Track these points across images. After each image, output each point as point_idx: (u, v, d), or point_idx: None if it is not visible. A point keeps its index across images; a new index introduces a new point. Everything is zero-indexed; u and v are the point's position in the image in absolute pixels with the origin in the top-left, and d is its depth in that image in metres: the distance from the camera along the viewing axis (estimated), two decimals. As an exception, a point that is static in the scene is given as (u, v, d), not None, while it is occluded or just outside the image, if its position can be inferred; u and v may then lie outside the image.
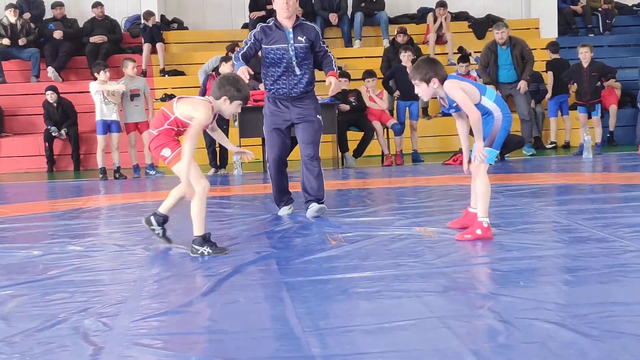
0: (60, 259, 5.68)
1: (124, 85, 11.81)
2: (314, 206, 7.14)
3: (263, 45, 7.25)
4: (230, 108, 5.80)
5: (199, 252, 5.60)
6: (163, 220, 6.11)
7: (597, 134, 12.85)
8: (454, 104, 5.79)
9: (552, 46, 14.44)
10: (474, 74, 14.16)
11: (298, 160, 7.60)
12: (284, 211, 7.47)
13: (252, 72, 7.08)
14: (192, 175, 5.67)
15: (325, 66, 7.33)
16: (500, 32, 12.69)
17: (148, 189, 10.64)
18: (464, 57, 14.27)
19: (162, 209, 6.08)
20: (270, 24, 7.28)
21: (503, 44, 12.72)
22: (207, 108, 5.72)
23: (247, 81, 6.59)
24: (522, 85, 12.66)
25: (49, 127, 13.46)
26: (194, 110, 5.69)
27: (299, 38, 7.19)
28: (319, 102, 6.96)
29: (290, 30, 7.18)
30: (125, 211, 8.26)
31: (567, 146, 13.88)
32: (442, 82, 5.70)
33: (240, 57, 7.25)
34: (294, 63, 7.17)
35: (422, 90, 5.77)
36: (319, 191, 7.24)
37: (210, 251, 5.60)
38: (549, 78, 13.74)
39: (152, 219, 6.09)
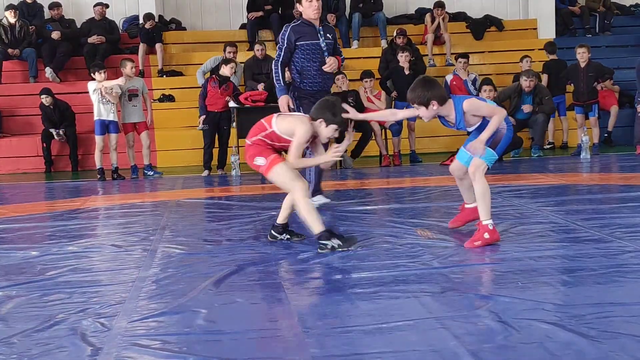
0: (59, 260, 5.68)
1: (122, 80, 11.79)
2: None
3: (297, 43, 7.59)
4: (326, 131, 5.75)
5: (329, 246, 5.53)
6: (282, 228, 6.07)
7: (595, 135, 12.85)
8: (461, 123, 5.71)
9: (549, 47, 14.45)
10: (471, 77, 14.16)
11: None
12: (322, 199, 7.81)
13: (293, 106, 7.48)
14: (290, 175, 5.68)
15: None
16: (529, 80, 12.78)
17: (146, 190, 10.64)
18: (464, 54, 14.26)
19: (280, 220, 6.06)
20: (298, 22, 7.71)
21: (528, 93, 12.86)
22: (307, 125, 5.71)
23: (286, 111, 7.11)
24: (527, 108, 12.84)
25: (49, 129, 13.45)
26: (295, 126, 5.71)
27: (328, 35, 7.75)
28: None
29: (320, 27, 7.70)
30: (124, 212, 8.26)
31: (564, 146, 13.89)
32: (440, 102, 5.59)
33: (279, 70, 7.61)
34: (326, 58, 7.64)
35: (422, 112, 5.67)
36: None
37: (340, 243, 5.54)
38: (544, 79, 13.75)
39: (274, 232, 6.08)
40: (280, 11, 16.34)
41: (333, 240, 5.55)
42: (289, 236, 6.08)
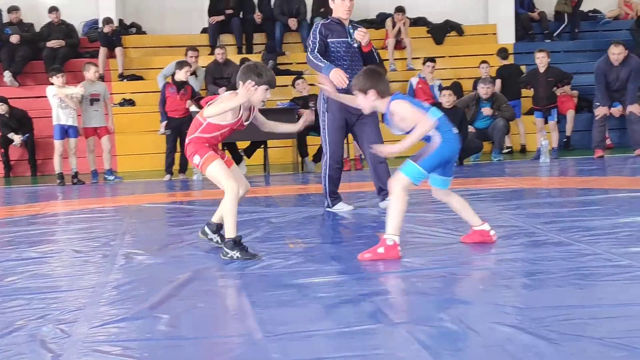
0: (17, 266, 5.62)
1: (82, 89, 11.72)
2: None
3: (327, 40, 7.50)
4: (257, 95, 5.58)
5: (229, 255, 5.49)
6: (216, 227, 6.00)
7: (554, 139, 12.97)
8: (389, 122, 5.56)
9: (501, 53, 14.63)
10: (436, 83, 14.25)
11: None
12: (342, 207, 7.68)
13: (345, 79, 7.14)
14: (224, 174, 5.62)
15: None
16: (486, 87, 13.07)
17: (107, 195, 10.57)
18: (431, 58, 14.35)
19: (214, 219, 6.00)
20: (329, 20, 7.63)
21: (486, 100, 13.04)
22: (234, 96, 5.60)
23: (345, 84, 6.87)
24: (486, 111, 13.01)
25: (7, 134, 13.30)
26: (220, 103, 5.60)
27: (351, 32, 7.58)
28: (279, 107, 7.02)
29: (349, 27, 7.60)
30: (84, 217, 8.19)
31: (523, 150, 14.00)
32: (381, 96, 5.43)
33: (318, 55, 7.45)
34: (358, 56, 7.55)
35: (360, 100, 5.51)
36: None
37: (240, 255, 5.48)
38: (497, 84, 13.87)
39: (207, 229, 6.02)
40: (241, 15, 16.31)
41: (234, 251, 5.49)
42: (219, 239, 5.95)
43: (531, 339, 3.41)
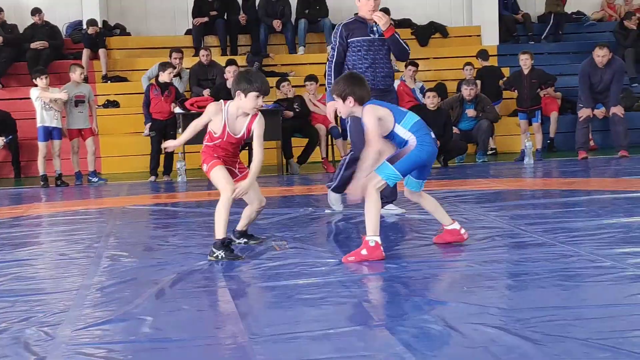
0: (1, 268, 5.59)
1: (66, 94, 11.67)
2: (393, 208, 7.35)
3: (349, 40, 7.34)
4: (247, 102, 5.61)
5: (214, 255, 5.52)
6: (239, 234, 6.09)
7: (538, 140, 13.02)
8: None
9: (482, 54, 14.67)
10: (418, 85, 14.27)
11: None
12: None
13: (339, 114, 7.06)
14: (222, 179, 5.65)
15: None
16: (469, 89, 13.15)
17: (91, 197, 10.54)
18: (413, 62, 14.38)
19: (239, 227, 6.08)
20: (352, 20, 7.49)
21: (470, 101, 13.11)
22: (212, 105, 5.67)
23: (332, 121, 6.71)
24: (470, 112, 13.06)
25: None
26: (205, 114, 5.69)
27: (374, 29, 7.37)
28: (263, 108, 6.86)
29: (374, 24, 7.34)
30: (68, 219, 8.16)
31: (495, 152, 14.01)
32: (359, 102, 5.41)
33: (333, 69, 7.36)
34: (381, 54, 7.32)
35: (339, 107, 5.50)
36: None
37: (224, 256, 5.50)
38: (478, 85, 13.88)
39: (232, 236, 6.00)
40: (225, 17, 16.30)
41: (220, 251, 5.52)
42: (246, 240, 6.08)
43: (515, 340, 3.42)
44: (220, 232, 5.57)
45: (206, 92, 13.02)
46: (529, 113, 12.94)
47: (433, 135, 5.56)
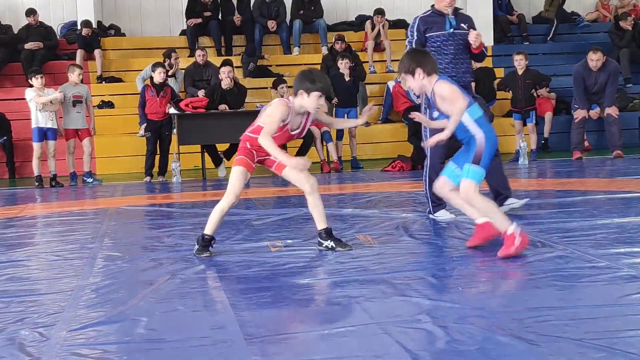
0: (-5, 269, 5.59)
1: (61, 94, 11.66)
2: (514, 201, 7.11)
3: (426, 35, 7.03)
4: (310, 102, 5.51)
5: (195, 247, 5.67)
6: (325, 233, 5.76)
7: (532, 141, 13.03)
8: (433, 103, 5.54)
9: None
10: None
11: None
12: (444, 215, 7.07)
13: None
14: (233, 181, 5.67)
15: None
16: None
17: (86, 197, 10.53)
18: None
19: (319, 226, 5.79)
20: (429, 12, 7.17)
21: None
22: (281, 104, 5.56)
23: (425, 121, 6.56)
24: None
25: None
26: (269, 116, 5.55)
27: (462, 25, 7.06)
28: (258, 108, 6.82)
29: (453, 17, 7.04)
30: (62, 220, 8.16)
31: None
32: (427, 73, 5.41)
33: None
34: (461, 49, 6.99)
35: (410, 83, 5.52)
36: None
37: (196, 251, 5.67)
38: (472, 85, 13.87)
39: (319, 239, 5.79)
40: (219, 17, 16.29)
41: (197, 245, 5.69)
42: (333, 244, 5.74)
43: (510, 340, 3.42)
44: (209, 229, 5.70)
45: (201, 93, 13.01)
46: (523, 113, 12.96)
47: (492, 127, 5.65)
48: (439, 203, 7.02)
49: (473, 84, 13.79)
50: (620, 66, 14.22)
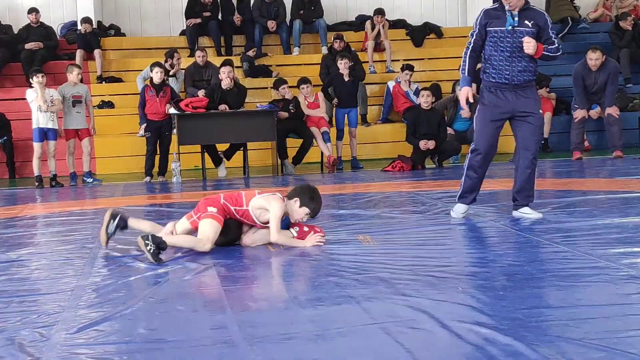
0: (-4, 269, 5.59)
1: (59, 102, 11.64)
2: (527, 211, 6.89)
3: (487, 29, 6.82)
4: (297, 212, 5.93)
5: (147, 246, 5.56)
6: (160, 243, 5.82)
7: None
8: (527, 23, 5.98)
9: None
10: (413, 87, 14.29)
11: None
12: (460, 211, 7.05)
13: (473, 100, 6.94)
14: (210, 234, 5.82)
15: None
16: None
17: (86, 197, 10.53)
18: (409, 65, 14.40)
19: (163, 236, 5.94)
20: (495, 6, 6.92)
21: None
22: (280, 201, 5.91)
23: (467, 113, 6.55)
24: (465, 113, 13.04)
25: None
26: (269, 202, 5.88)
27: (526, 22, 6.69)
28: (258, 109, 6.79)
29: (516, 13, 6.70)
30: (62, 220, 8.16)
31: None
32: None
33: (468, 55, 6.93)
34: (520, 46, 6.69)
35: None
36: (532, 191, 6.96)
37: (152, 250, 5.56)
38: (473, 87, 13.85)
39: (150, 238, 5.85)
40: (219, 17, 16.29)
41: (154, 247, 5.57)
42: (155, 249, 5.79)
43: (510, 341, 3.42)
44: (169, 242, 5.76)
45: (201, 93, 13.01)
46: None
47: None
48: (464, 197, 7.03)
49: (474, 86, 13.81)
50: (620, 66, 14.22)
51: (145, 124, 12.08)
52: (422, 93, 12.49)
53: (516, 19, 6.69)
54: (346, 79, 12.85)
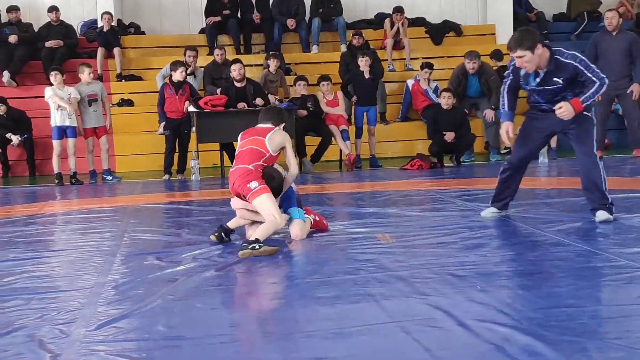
0: (16, 266, 5.62)
1: (75, 101, 11.67)
2: (601, 214, 6.52)
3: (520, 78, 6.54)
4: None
5: (251, 246, 5.59)
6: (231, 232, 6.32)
7: (553, 139, 12.94)
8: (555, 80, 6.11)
9: (495, 55, 14.56)
10: (432, 85, 14.26)
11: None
12: (489, 212, 6.97)
13: (512, 135, 6.68)
14: (274, 207, 6.04)
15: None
16: (472, 62, 12.92)
17: (105, 195, 10.57)
18: (429, 64, 14.37)
19: (231, 224, 6.35)
20: None
21: (473, 74, 13.00)
22: (283, 132, 6.43)
23: (506, 141, 6.78)
24: (488, 114, 12.86)
25: (5, 134, 13.26)
26: (283, 140, 6.37)
27: (554, 79, 6.32)
28: (276, 105, 6.73)
29: (541, 73, 6.36)
30: (82, 217, 8.19)
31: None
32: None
33: (506, 93, 6.77)
34: (553, 99, 6.39)
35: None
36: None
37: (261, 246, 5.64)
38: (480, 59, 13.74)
39: (222, 233, 6.24)
40: (238, 15, 16.31)
41: (258, 246, 5.61)
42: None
43: (529, 340, 3.41)
44: (260, 236, 5.80)
45: (218, 91, 13.03)
46: (543, 112, 12.88)
47: None
48: (496, 200, 6.97)
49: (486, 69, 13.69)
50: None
51: (164, 122, 12.09)
52: (443, 95, 12.43)
53: (538, 79, 6.39)
54: (366, 76, 12.83)
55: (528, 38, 6.20)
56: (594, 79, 6.24)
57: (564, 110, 6.21)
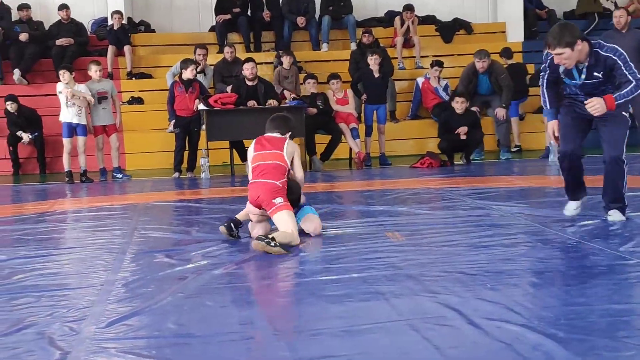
0: (26, 263, 5.63)
1: (89, 95, 11.68)
2: (614, 214, 6.49)
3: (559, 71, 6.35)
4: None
5: (271, 243, 5.59)
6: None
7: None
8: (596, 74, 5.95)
9: (505, 53, 14.50)
10: (442, 83, 14.24)
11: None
12: (571, 208, 6.81)
13: (557, 134, 6.62)
14: (293, 224, 5.98)
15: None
16: (482, 61, 12.86)
17: (115, 193, 10.58)
18: (439, 62, 14.35)
19: (240, 216, 6.42)
20: None
21: (483, 73, 12.94)
22: (294, 144, 6.50)
23: (555, 142, 6.65)
24: (500, 112, 12.82)
25: (15, 132, 13.30)
26: (293, 149, 6.40)
27: (595, 74, 6.15)
28: (287, 104, 6.74)
29: (584, 69, 6.20)
30: (92, 215, 8.21)
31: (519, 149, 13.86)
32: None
33: (545, 90, 6.62)
34: (592, 92, 6.24)
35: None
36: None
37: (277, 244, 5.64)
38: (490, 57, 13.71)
39: (232, 225, 6.30)
40: (248, 13, 16.31)
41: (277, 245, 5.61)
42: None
43: (539, 338, 3.40)
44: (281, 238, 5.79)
45: (228, 89, 13.03)
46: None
47: None
48: (571, 192, 6.91)
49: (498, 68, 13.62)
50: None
51: (174, 120, 12.10)
52: (457, 99, 12.37)
53: (583, 76, 6.23)
54: (376, 75, 12.81)
55: (567, 34, 5.99)
56: (630, 78, 6.06)
57: (595, 104, 6.08)
